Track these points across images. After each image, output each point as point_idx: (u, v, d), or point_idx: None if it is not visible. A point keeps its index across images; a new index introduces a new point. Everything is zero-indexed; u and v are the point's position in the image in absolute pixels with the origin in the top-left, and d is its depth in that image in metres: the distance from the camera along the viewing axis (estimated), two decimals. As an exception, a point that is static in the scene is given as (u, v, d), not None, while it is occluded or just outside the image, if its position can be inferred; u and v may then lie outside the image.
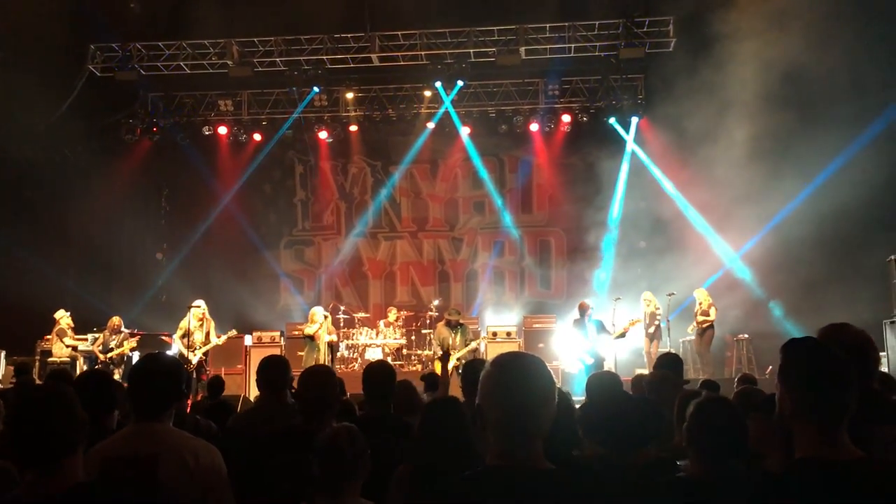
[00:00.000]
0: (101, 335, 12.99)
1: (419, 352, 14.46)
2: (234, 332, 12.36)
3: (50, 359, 13.02)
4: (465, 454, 2.97)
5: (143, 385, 3.05)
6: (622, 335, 11.95)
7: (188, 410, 5.85)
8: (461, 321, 11.89)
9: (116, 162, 16.30)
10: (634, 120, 15.71)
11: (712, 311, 13.04)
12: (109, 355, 12.56)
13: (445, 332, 11.69)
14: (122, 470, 2.84)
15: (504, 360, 2.11)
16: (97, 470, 2.79)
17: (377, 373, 4.57)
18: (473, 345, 11.64)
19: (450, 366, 11.40)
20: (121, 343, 12.67)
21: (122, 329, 12.92)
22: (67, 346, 13.06)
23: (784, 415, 2.19)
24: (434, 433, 3.26)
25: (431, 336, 13.41)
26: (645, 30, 14.66)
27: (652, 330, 13.21)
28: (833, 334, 3.12)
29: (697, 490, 2.65)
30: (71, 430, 2.32)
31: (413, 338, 14.80)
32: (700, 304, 13.25)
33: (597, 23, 14.71)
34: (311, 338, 12.38)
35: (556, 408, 2.07)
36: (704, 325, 12.99)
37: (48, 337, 13.46)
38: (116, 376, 12.20)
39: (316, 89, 15.65)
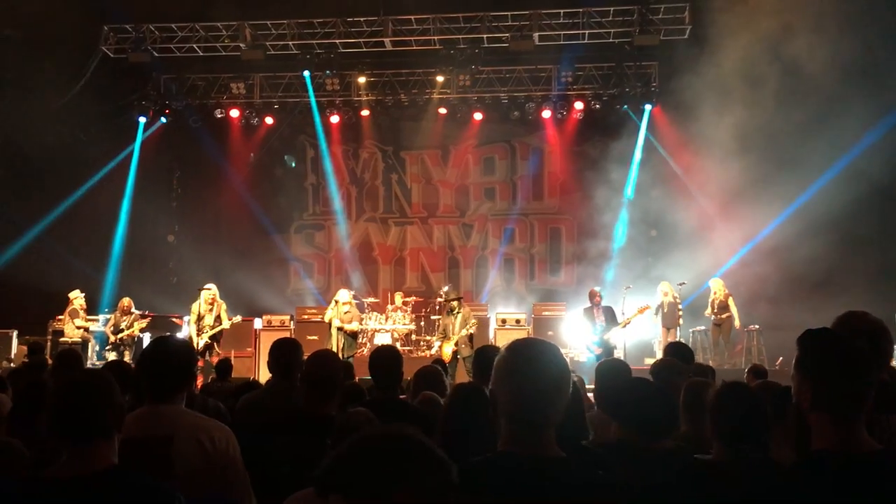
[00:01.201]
0: (112, 316, 13.07)
1: (428, 337, 14.47)
2: (238, 318, 12.34)
3: (62, 339, 13.09)
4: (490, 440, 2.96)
5: (156, 367, 3.06)
6: (628, 323, 11.96)
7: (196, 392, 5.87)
8: (455, 306, 11.85)
9: (129, 144, 16.34)
10: (648, 107, 15.59)
11: (731, 303, 13.03)
12: (120, 336, 12.63)
13: (447, 319, 11.78)
14: (136, 451, 2.85)
15: (518, 346, 2.09)
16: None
17: (384, 357, 4.57)
18: (468, 329, 11.60)
19: (447, 351, 11.40)
20: (131, 324, 12.73)
21: (133, 310, 12.98)
22: (79, 328, 13.13)
23: (801, 406, 2.16)
24: (460, 417, 3.24)
25: (444, 317, 13.41)
26: (660, 16, 14.53)
27: (670, 320, 13.16)
28: (849, 321, 3.08)
29: (716, 475, 2.64)
30: (108, 415, 2.36)
31: (422, 323, 14.80)
32: (715, 293, 13.20)
33: (611, 9, 14.58)
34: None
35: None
36: (724, 317, 12.98)
37: (60, 317, 13.54)
38: (126, 357, 12.27)
39: (329, 73, 15.59)
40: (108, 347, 12.77)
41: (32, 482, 2.39)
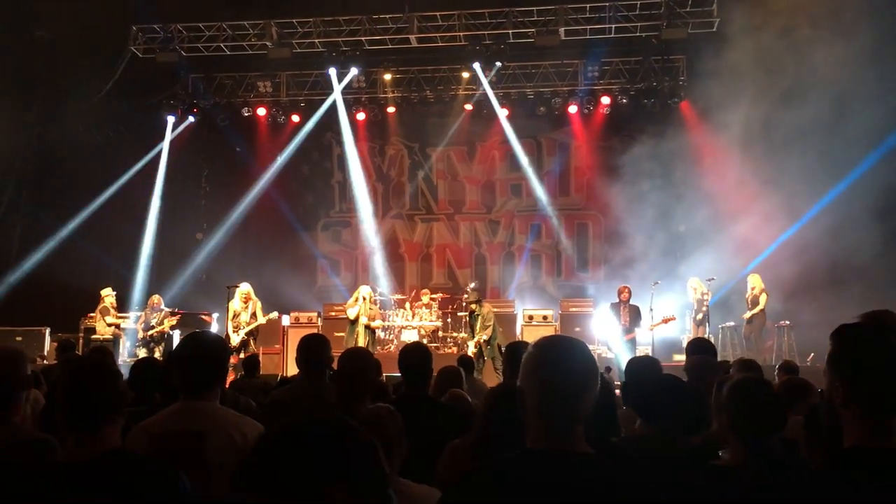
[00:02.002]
0: (143, 313, 13.22)
1: (455, 334, 14.47)
2: (275, 314, 12.48)
3: (93, 336, 13.26)
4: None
5: (190, 363, 3.08)
6: (651, 329, 12.00)
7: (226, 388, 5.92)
8: (475, 308, 11.97)
9: (158, 142, 16.52)
10: (675, 102, 15.43)
11: (762, 299, 12.89)
12: (150, 333, 12.77)
13: (471, 320, 11.94)
14: (169, 445, 2.89)
15: (546, 343, 2.08)
16: (145, 444, 2.84)
17: (413, 354, 4.58)
18: (486, 333, 11.66)
19: (469, 352, 11.43)
20: (161, 321, 12.87)
21: (163, 307, 13.12)
22: (110, 325, 13.30)
23: (833, 403, 2.13)
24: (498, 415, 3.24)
25: (467, 319, 13.43)
26: (688, 9, 14.38)
27: (700, 316, 13.08)
28: (878, 318, 3.04)
29: (738, 478, 2.60)
30: (111, 400, 2.40)
31: (449, 320, 14.81)
32: (752, 288, 13.07)
33: (638, 2, 14.47)
34: (354, 320, 12.46)
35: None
36: (756, 313, 12.87)
37: (92, 315, 13.72)
38: (157, 354, 12.41)
39: (354, 70, 15.64)
40: (138, 344, 12.94)
41: (39, 468, 2.44)
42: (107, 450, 2.34)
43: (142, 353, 12.60)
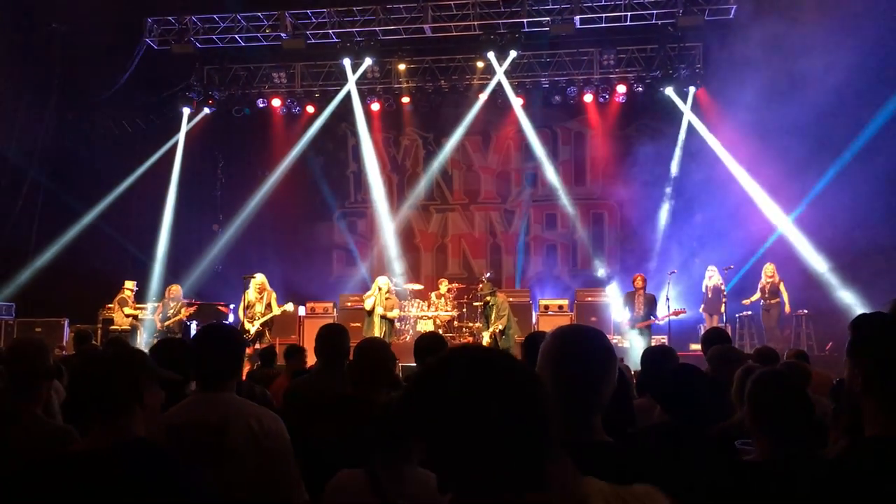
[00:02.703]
0: (160, 304, 13.29)
1: (470, 324, 14.49)
2: (290, 306, 12.50)
3: (111, 327, 13.37)
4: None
5: (206, 355, 3.10)
6: (662, 320, 11.98)
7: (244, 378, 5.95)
8: (490, 300, 12.00)
9: (174, 134, 16.59)
10: (692, 90, 15.30)
11: (782, 288, 12.85)
12: (167, 323, 12.83)
13: (486, 311, 11.98)
14: (191, 436, 2.91)
15: (563, 333, 2.09)
16: (163, 436, 2.86)
17: (430, 344, 4.59)
18: (501, 323, 11.67)
19: (484, 342, 11.44)
20: (178, 311, 12.93)
21: (181, 297, 13.19)
22: (128, 315, 13.40)
23: (853, 392, 2.12)
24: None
25: (482, 309, 13.42)
26: (704, -4, 14.25)
27: (713, 305, 13.04)
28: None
29: (764, 474, 2.58)
30: (123, 388, 2.40)
31: (464, 310, 14.82)
32: (770, 278, 13.01)
33: (654, -10, 14.36)
34: (370, 311, 12.48)
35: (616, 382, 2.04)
36: (774, 302, 12.81)
37: (110, 305, 13.82)
38: None
39: (369, 61, 15.62)
40: (155, 335, 12.96)
41: (56, 457, 2.46)
42: (124, 438, 2.35)
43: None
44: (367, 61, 15.65)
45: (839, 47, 12.34)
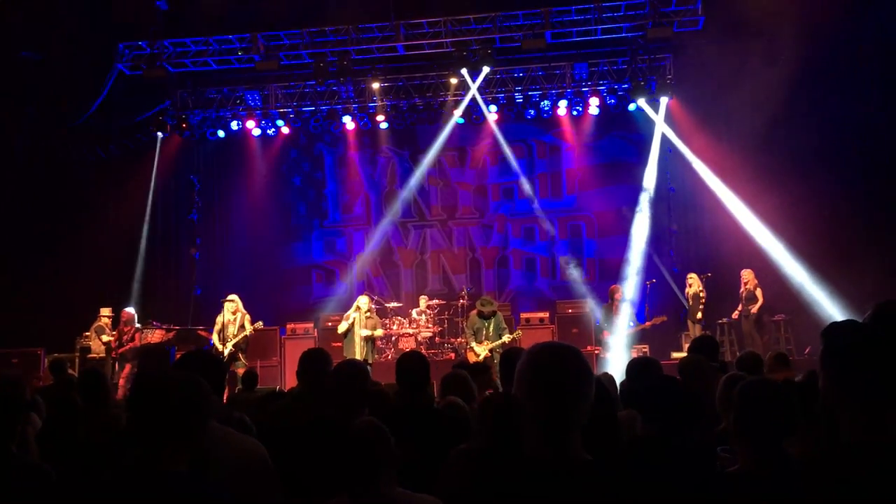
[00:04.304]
0: (116, 331, 13.02)
1: (453, 339, 14.48)
2: (260, 324, 12.32)
3: (89, 355, 13.20)
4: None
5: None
6: (642, 329, 12.02)
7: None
8: (495, 310, 11.84)
9: (148, 159, 16.49)
10: (664, 100, 15.43)
11: (759, 293, 12.94)
12: (120, 350, 12.59)
13: (479, 323, 11.66)
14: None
15: (539, 352, 2.09)
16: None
17: (410, 363, 4.60)
18: (506, 338, 11.54)
19: (480, 356, 11.33)
20: (132, 337, 12.69)
21: (134, 321, 12.93)
22: (105, 343, 13.24)
23: (827, 399, 2.14)
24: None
25: (464, 324, 13.38)
26: (672, 8, 14.42)
27: (698, 314, 13.09)
28: (889, 309, 3.02)
29: (748, 484, 2.59)
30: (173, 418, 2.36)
31: (445, 325, 14.81)
32: (746, 283, 13.11)
33: (623, 3, 14.49)
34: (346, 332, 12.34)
35: (596, 397, 2.05)
36: (753, 309, 12.90)
37: (87, 333, 13.66)
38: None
39: (342, 80, 15.63)
40: (111, 362, 12.61)
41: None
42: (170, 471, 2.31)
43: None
44: (341, 81, 15.66)
45: (810, 53, 12.58)
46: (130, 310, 13.38)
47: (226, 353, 11.51)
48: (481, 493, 2.00)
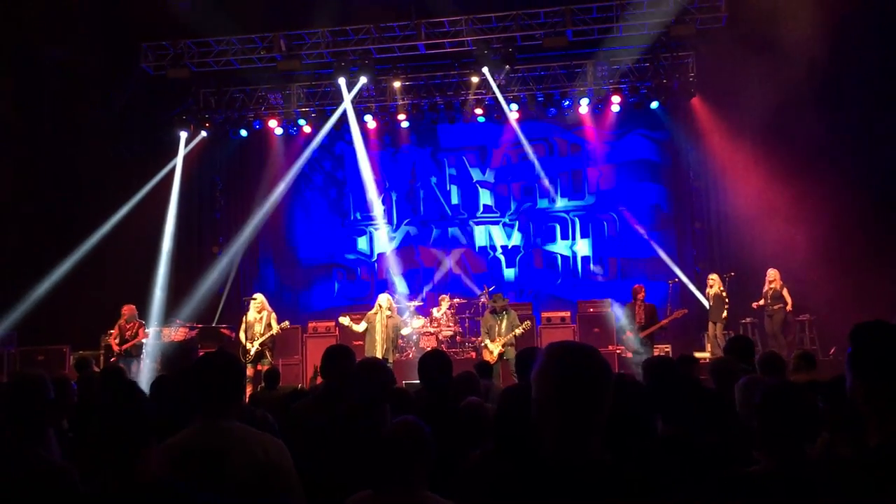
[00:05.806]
0: (116, 326, 13.01)
1: (474, 338, 14.46)
2: (286, 324, 12.30)
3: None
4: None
5: (209, 382, 3.09)
6: (663, 326, 11.93)
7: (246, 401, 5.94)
8: (507, 306, 11.80)
9: (171, 158, 16.62)
10: (686, 98, 15.32)
11: (785, 293, 12.81)
12: (124, 347, 12.61)
13: (491, 320, 11.63)
14: (190, 464, 2.89)
15: (557, 352, 2.06)
16: (166, 465, 2.84)
17: (432, 361, 4.60)
18: (518, 330, 11.48)
19: (494, 353, 11.30)
20: (134, 332, 12.71)
21: (136, 317, 12.92)
22: (104, 345, 13.26)
23: (855, 402, 2.11)
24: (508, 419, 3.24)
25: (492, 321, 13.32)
26: (695, 5, 14.29)
27: (716, 313, 12.96)
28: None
29: (769, 487, 2.56)
30: (137, 431, 2.40)
31: (466, 325, 14.80)
32: (771, 282, 12.96)
33: (645, 0, 14.39)
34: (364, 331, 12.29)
35: (616, 397, 2.02)
36: (776, 308, 12.76)
37: (111, 331, 13.76)
38: (136, 368, 12.29)
39: (364, 79, 15.66)
40: (112, 360, 12.49)
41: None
42: (141, 481, 2.34)
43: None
44: (363, 80, 15.69)
45: (834, 50, 12.41)
46: (131, 306, 13.36)
47: (252, 351, 11.54)
48: (500, 497, 1.98)
